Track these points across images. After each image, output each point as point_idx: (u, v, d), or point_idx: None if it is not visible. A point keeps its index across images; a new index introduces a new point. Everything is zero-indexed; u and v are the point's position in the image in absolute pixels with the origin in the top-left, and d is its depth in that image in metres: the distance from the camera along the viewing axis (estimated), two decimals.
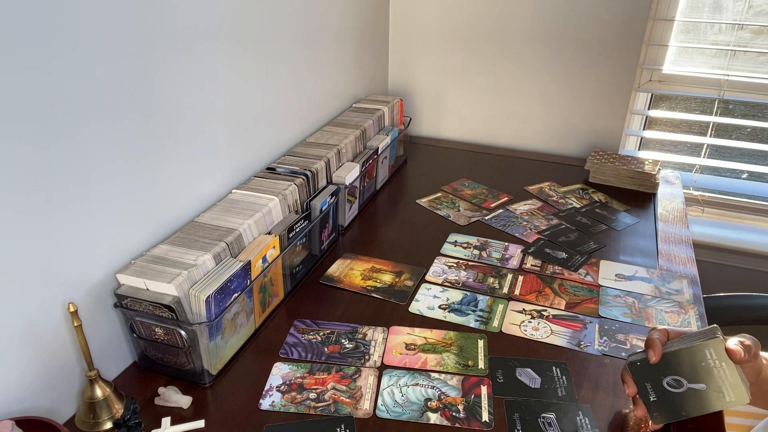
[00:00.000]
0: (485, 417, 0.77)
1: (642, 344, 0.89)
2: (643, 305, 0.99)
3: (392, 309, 0.98)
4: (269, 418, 0.76)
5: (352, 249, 1.16)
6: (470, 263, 1.11)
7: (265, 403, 0.79)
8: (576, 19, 1.49)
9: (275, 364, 0.86)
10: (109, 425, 0.74)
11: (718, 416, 0.77)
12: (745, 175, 1.61)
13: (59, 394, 0.75)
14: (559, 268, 1.10)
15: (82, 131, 0.71)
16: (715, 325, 0.69)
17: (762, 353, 0.70)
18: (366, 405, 0.79)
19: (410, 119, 1.68)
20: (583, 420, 0.76)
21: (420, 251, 1.15)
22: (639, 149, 1.70)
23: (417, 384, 0.82)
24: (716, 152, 1.62)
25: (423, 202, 1.36)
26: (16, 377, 0.69)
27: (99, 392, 0.74)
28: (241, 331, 0.88)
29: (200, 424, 0.74)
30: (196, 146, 0.93)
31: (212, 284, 0.78)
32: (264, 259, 0.89)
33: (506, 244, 1.18)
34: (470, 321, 0.95)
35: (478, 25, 1.59)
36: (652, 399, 0.69)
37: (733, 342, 0.66)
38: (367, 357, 0.87)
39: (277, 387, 0.81)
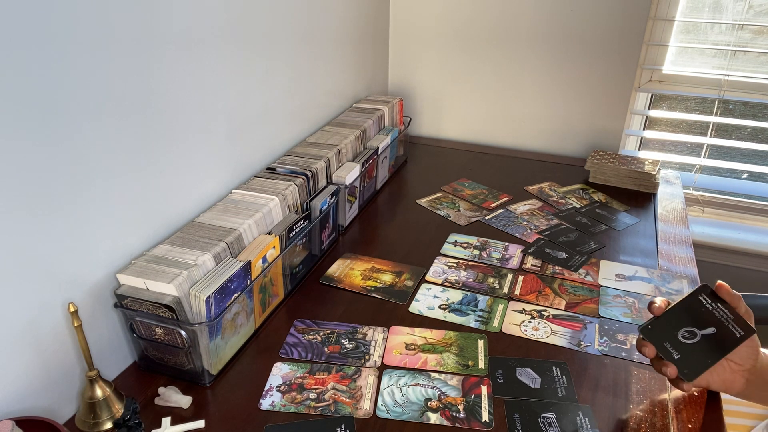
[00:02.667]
0: (485, 417, 0.77)
1: None
2: (643, 305, 0.99)
3: (392, 309, 0.98)
4: (269, 418, 0.76)
5: (352, 249, 1.16)
6: (470, 263, 1.11)
7: (265, 403, 0.79)
8: (576, 19, 1.49)
9: (275, 364, 0.86)
10: (109, 425, 0.74)
11: (718, 416, 0.77)
12: (745, 175, 1.61)
13: (59, 394, 0.75)
14: (559, 268, 1.10)
15: (82, 131, 0.71)
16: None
17: (762, 350, 0.71)
18: (366, 405, 0.79)
19: (410, 119, 1.68)
20: (583, 420, 0.76)
21: (420, 251, 1.15)
22: (639, 149, 1.70)
23: (417, 384, 0.82)
24: (716, 152, 1.62)
25: (423, 202, 1.36)
26: (16, 377, 0.69)
27: (99, 392, 0.74)
28: (241, 331, 0.88)
29: (200, 424, 0.74)
30: (196, 146, 0.93)
31: (212, 284, 0.78)
32: (264, 259, 0.89)
33: (506, 244, 1.18)
34: (470, 321, 0.95)
35: (478, 25, 1.59)
36: (676, 357, 0.70)
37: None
38: (367, 357, 0.87)
39: (277, 387, 0.81)
